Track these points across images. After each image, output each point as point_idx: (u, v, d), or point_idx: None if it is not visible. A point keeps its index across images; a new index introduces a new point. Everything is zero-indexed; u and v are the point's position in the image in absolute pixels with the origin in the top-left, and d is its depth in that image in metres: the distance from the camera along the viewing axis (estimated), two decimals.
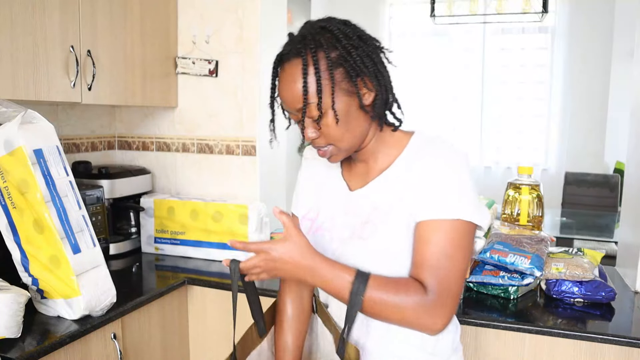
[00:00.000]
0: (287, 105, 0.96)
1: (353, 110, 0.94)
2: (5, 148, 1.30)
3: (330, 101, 0.91)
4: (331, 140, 0.96)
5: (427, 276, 0.91)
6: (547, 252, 1.58)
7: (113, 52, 1.78)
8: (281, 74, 0.96)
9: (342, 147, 0.97)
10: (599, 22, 4.50)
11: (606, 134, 4.54)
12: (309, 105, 0.92)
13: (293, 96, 0.93)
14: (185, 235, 2.01)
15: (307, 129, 0.96)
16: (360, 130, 0.97)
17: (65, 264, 1.32)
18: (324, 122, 0.93)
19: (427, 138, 1.00)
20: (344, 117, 0.93)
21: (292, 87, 0.93)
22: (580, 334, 1.35)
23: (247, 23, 2.04)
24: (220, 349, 1.79)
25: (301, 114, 0.94)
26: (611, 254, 2.57)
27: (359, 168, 1.05)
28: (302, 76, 0.91)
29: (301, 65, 0.92)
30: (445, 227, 0.92)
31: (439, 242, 0.91)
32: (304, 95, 0.92)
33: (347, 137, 0.95)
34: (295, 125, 1.02)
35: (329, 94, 0.91)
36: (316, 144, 0.97)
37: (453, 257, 0.92)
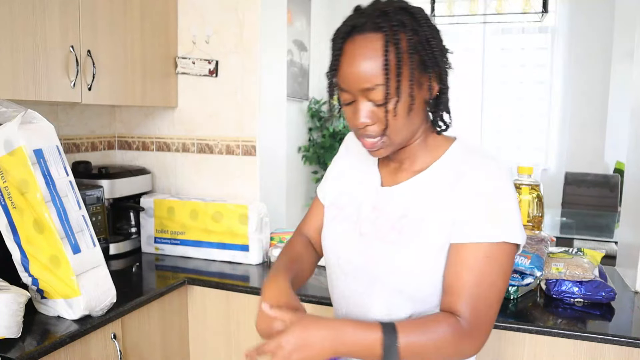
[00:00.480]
0: (349, 83, 0.86)
1: (418, 103, 0.87)
2: (5, 148, 1.30)
3: (408, 87, 0.84)
4: (388, 131, 0.87)
5: (462, 306, 0.84)
6: (547, 252, 1.58)
7: (113, 52, 1.78)
8: (349, 48, 0.85)
9: (395, 141, 0.89)
10: (599, 22, 4.50)
11: (606, 134, 4.54)
12: (378, 86, 0.83)
13: (362, 74, 0.84)
14: (185, 235, 2.01)
15: (360, 113, 0.87)
16: (416, 125, 0.91)
17: (65, 264, 1.32)
18: (389, 108, 0.84)
19: (469, 148, 0.93)
20: (407, 106, 0.86)
21: (364, 63, 0.83)
22: (580, 334, 1.35)
23: (247, 23, 2.04)
24: (220, 349, 1.79)
25: (363, 95, 0.85)
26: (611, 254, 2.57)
27: (391, 165, 1.00)
28: (383, 53, 0.82)
29: (382, 41, 0.82)
30: (488, 251, 0.85)
31: (479, 267, 0.84)
32: (385, 73, 0.82)
33: (404, 130, 0.88)
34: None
35: (408, 78, 0.84)
36: (368, 132, 0.88)
37: (493, 285, 0.86)
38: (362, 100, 0.86)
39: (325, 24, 4.79)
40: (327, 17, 4.84)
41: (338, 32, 0.88)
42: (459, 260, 0.86)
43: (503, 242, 0.86)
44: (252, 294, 1.70)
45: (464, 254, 0.86)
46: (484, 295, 0.85)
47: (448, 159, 0.94)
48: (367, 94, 0.85)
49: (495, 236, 0.85)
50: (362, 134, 0.90)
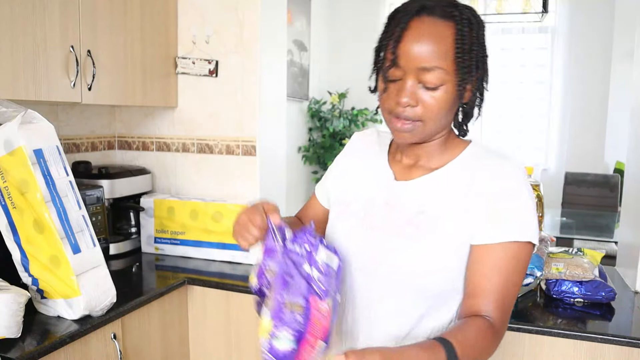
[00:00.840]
0: (408, 58, 0.85)
1: (458, 100, 0.89)
2: (5, 148, 1.30)
3: (461, 80, 0.86)
4: (426, 117, 0.87)
5: (495, 308, 0.86)
6: (547, 252, 1.59)
7: (113, 52, 1.78)
8: (416, 25, 0.85)
9: (426, 129, 0.89)
10: (599, 22, 4.50)
11: (606, 134, 4.54)
12: (437, 69, 0.84)
13: (425, 53, 0.84)
14: (185, 235, 2.01)
15: (406, 91, 0.86)
16: (448, 123, 0.92)
17: (65, 264, 1.32)
18: (438, 95, 0.86)
19: (486, 149, 0.95)
20: (451, 100, 0.87)
21: (431, 43, 0.84)
22: (580, 334, 1.35)
23: (247, 23, 2.04)
24: (220, 349, 1.79)
25: (415, 75, 0.85)
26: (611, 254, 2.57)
27: (405, 160, 0.99)
28: (454, 40, 0.84)
29: (453, 29, 0.85)
30: (514, 251, 0.87)
31: (506, 268, 0.86)
32: (453, 58, 0.84)
33: (438, 122, 0.89)
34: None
35: (469, 69, 0.86)
36: (405, 112, 0.87)
37: (516, 284, 0.88)
38: (412, 79, 0.86)
39: (325, 24, 4.79)
40: (327, 17, 4.84)
41: (405, 8, 0.88)
42: (487, 261, 0.87)
43: (527, 242, 0.88)
44: (252, 294, 1.70)
45: (493, 255, 0.87)
46: (509, 295, 0.88)
47: (465, 158, 0.95)
48: (421, 75, 0.85)
49: (520, 236, 0.87)
50: (398, 114, 0.89)
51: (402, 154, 1.00)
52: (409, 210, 0.93)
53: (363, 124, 4.52)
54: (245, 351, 1.76)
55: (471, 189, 0.90)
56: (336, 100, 4.51)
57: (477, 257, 0.88)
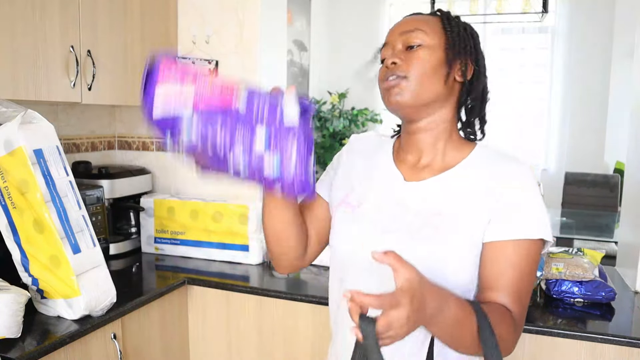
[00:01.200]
0: (393, 32, 0.97)
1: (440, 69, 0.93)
2: (5, 148, 1.30)
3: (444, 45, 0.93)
4: (410, 73, 0.92)
5: (513, 302, 0.87)
6: (547, 252, 1.59)
7: (113, 52, 1.78)
8: (404, 18, 0.99)
9: (412, 85, 0.92)
10: (599, 22, 4.50)
11: (606, 134, 4.54)
12: (418, 31, 0.93)
13: (406, 22, 0.96)
14: (185, 235, 2.01)
15: (390, 55, 0.94)
16: (436, 91, 0.94)
17: (65, 264, 1.32)
18: (418, 52, 0.93)
19: (494, 150, 0.97)
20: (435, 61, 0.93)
21: (412, 18, 0.97)
22: (580, 334, 1.35)
23: (247, 23, 2.04)
24: (220, 349, 1.79)
25: (400, 40, 0.94)
26: (611, 254, 2.57)
27: (409, 158, 0.99)
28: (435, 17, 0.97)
29: (440, 20, 0.96)
30: (528, 248, 0.88)
31: (520, 264, 0.88)
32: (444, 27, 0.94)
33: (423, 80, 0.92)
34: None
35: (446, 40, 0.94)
36: (393, 70, 0.94)
37: (530, 281, 0.90)
38: (398, 44, 0.95)
39: (325, 24, 4.79)
40: (327, 17, 4.84)
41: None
42: (501, 258, 0.89)
43: (540, 239, 0.89)
44: (252, 294, 1.70)
45: (506, 251, 0.88)
46: (525, 291, 0.89)
47: (475, 159, 0.95)
48: (405, 37, 0.94)
49: (534, 233, 0.88)
50: (387, 74, 0.94)
51: (405, 152, 1.00)
52: (425, 212, 0.93)
53: (363, 124, 4.52)
54: (245, 351, 1.76)
55: (485, 189, 0.91)
56: (336, 100, 4.51)
57: (491, 253, 0.90)
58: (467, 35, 0.96)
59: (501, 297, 0.87)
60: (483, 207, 0.90)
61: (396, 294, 0.68)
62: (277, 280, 1.81)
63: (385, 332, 0.68)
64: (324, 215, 1.07)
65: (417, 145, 0.98)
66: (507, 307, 0.87)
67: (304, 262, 1.07)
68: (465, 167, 0.95)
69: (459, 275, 0.90)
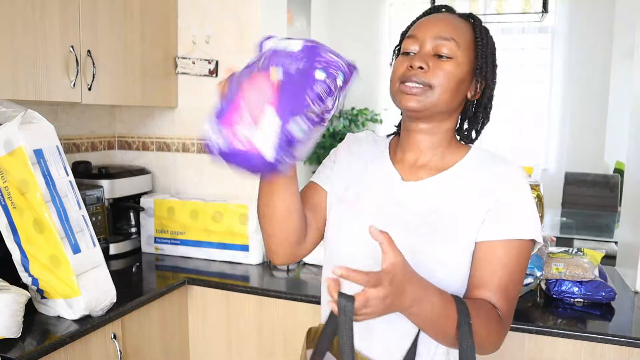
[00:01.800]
0: (426, 28, 0.94)
1: (461, 80, 0.93)
2: (5, 148, 1.30)
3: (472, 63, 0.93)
4: (436, 83, 0.91)
5: (500, 299, 0.89)
6: (547, 252, 1.59)
7: (113, 52, 1.78)
8: (436, 14, 0.97)
9: (435, 97, 0.91)
10: (599, 22, 4.50)
11: (606, 134, 4.54)
12: (453, 41, 0.91)
13: (444, 25, 0.93)
14: (185, 235, 2.01)
15: (421, 57, 0.92)
16: (455, 105, 0.95)
17: (65, 264, 1.32)
18: (449, 66, 0.91)
19: (489, 153, 0.99)
20: (460, 77, 0.92)
21: (449, 20, 0.94)
22: (580, 334, 1.35)
23: (247, 23, 2.04)
24: (220, 349, 1.79)
25: (431, 43, 0.92)
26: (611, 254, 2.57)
27: (408, 157, 1.00)
28: (471, 27, 0.95)
29: (471, 27, 0.95)
30: (518, 248, 0.90)
31: (510, 263, 0.90)
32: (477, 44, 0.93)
33: (447, 93, 0.92)
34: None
35: (475, 58, 0.94)
36: (416, 76, 0.91)
37: (519, 281, 0.92)
38: (428, 47, 0.93)
39: (325, 24, 4.80)
40: (327, 17, 4.84)
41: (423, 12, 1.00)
42: (493, 257, 0.90)
43: (530, 239, 0.91)
44: (252, 294, 1.70)
45: (497, 251, 0.90)
46: (513, 289, 0.91)
47: (470, 161, 0.97)
48: (437, 43, 0.92)
49: (526, 234, 0.90)
50: (408, 77, 0.92)
51: (403, 151, 1.01)
52: (424, 211, 0.94)
53: (363, 124, 4.52)
54: (245, 351, 1.76)
55: (479, 190, 0.93)
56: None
57: (482, 253, 0.91)
58: (492, 55, 0.97)
59: (489, 295, 0.89)
60: (479, 207, 0.92)
61: (379, 274, 0.72)
62: (277, 280, 1.81)
63: (361, 309, 0.71)
64: (323, 205, 1.06)
65: (417, 145, 0.99)
66: (494, 304, 0.89)
67: (303, 250, 1.05)
68: (461, 168, 0.96)
69: (455, 272, 0.91)
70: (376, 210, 0.98)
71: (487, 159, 0.97)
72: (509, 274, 0.89)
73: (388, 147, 1.05)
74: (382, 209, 0.97)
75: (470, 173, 0.95)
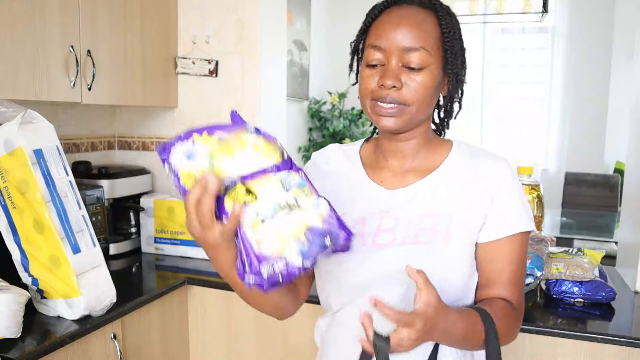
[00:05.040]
0: (390, 39, 0.85)
1: (435, 88, 0.89)
2: (5, 148, 1.30)
3: (443, 66, 0.88)
4: (412, 100, 0.86)
5: (513, 293, 0.92)
6: (547, 252, 1.58)
7: (113, 52, 1.78)
8: (395, 10, 0.87)
9: (413, 112, 0.87)
10: (599, 22, 4.50)
11: (606, 134, 4.54)
12: (422, 50, 0.84)
13: (409, 33, 0.85)
14: (185, 235, 2.01)
15: (390, 73, 0.85)
16: (429, 111, 0.92)
17: (65, 264, 1.32)
18: (422, 76, 0.85)
19: (473, 148, 0.97)
20: (434, 85, 0.87)
21: (413, 24, 0.85)
22: (580, 334, 1.35)
23: (247, 23, 2.04)
24: (220, 349, 1.79)
25: (399, 57, 0.85)
26: (611, 254, 2.57)
27: (393, 166, 0.96)
28: (438, 23, 0.87)
29: (435, 17, 0.87)
30: (521, 241, 0.92)
31: (516, 257, 0.92)
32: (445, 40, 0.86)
33: (424, 104, 0.88)
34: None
35: (455, 57, 0.88)
36: (390, 95, 0.85)
37: (524, 270, 0.94)
38: (396, 60, 0.86)
39: (325, 24, 4.79)
40: (327, 17, 4.84)
41: (382, 3, 0.90)
42: (501, 255, 0.91)
43: (529, 230, 0.93)
44: None
45: (502, 249, 0.91)
46: (521, 280, 0.93)
47: (457, 158, 0.95)
48: (405, 55, 0.85)
49: (524, 226, 0.92)
50: (382, 97, 0.86)
51: (386, 159, 0.97)
52: (419, 216, 0.90)
53: (363, 124, 4.52)
54: (245, 351, 1.76)
55: (473, 191, 0.92)
56: (336, 100, 4.51)
57: (487, 253, 0.92)
58: (460, 46, 0.91)
59: (500, 291, 0.91)
60: (475, 210, 0.91)
61: (413, 315, 0.73)
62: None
63: (394, 348, 0.73)
64: None
65: (400, 151, 0.95)
66: (507, 298, 0.91)
67: (300, 301, 1.04)
68: (447, 167, 0.94)
69: (458, 273, 0.90)
70: (364, 228, 0.92)
71: (473, 154, 0.96)
72: (515, 268, 0.92)
73: (359, 158, 1.00)
74: (371, 224, 0.92)
75: (457, 171, 0.94)
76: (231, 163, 0.75)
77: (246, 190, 0.74)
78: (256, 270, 0.73)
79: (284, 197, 0.75)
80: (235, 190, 0.75)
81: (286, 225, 0.73)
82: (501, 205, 0.91)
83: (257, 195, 0.74)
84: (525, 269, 0.98)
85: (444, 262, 0.89)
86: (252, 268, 0.74)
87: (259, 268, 0.73)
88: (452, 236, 0.89)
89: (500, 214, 0.91)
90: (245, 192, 0.74)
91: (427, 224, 0.90)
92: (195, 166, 0.74)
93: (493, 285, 0.92)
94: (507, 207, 0.91)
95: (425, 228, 0.90)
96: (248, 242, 0.74)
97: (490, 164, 0.93)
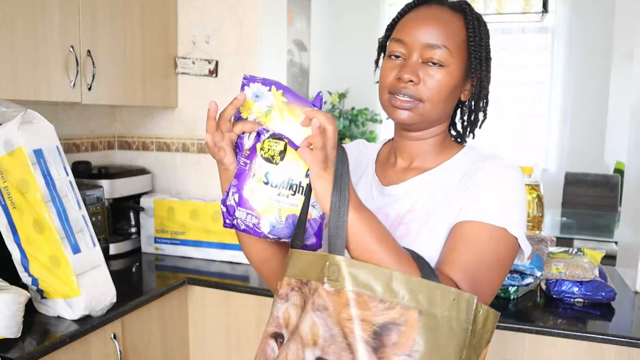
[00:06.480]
0: (414, 34, 0.87)
1: (453, 89, 0.89)
2: (5, 148, 1.30)
3: (465, 68, 0.88)
4: (427, 96, 0.87)
5: (462, 279, 0.79)
6: (547, 252, 1.59)
7: (113, 52, 1.78)
8: (423, 8, 0.89)
9: (427, 110, 0.88)
10: (599, 22, 4.50)
11: (606, 134, 4.54)
12: (444, 48, 0.85)
13: (433, 29, 0.86)
14: (185, 235, 2.01)
15: (410, 68, 0.86)
16: (447, 114, 0.92)
17: (65, 264, 1.32)
18: (441, 75, 0.86)
19: (482, 152, 0.94)
20: (452, 86, 0.87)
21: (439, 22, 0.86)
22: (580, 334, 1.35)
23: (247, 23, 2.04)
24: (220, 349, 1.79)
25: (420, 52, 0.86)
26: (611, 254, 2.57)
27: (400, 162, 0.97)
28: (464, 25, 0.88)
29: (463, 20, 0.88)
30: (490, 232, 0.83)
31: (475, 243, 0.82)
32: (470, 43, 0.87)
33: (440, 104, 0.88)
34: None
35: (479, 62, 0.88)
36: (406, 89, 0.87)
37: (490, 268, 0.83)
38: (416, 56, 0.87)
39: (325, 24, 4.79)
40: (327, 17, 4.84)
41: (409, 3, 0.92)
42: (457, 234, 0.84)
43: (504, 229, 0.83)
44: (252, 294, 1.70)
45: (463, 229, 0.84)
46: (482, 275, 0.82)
47: (458, 160, 0.94)
48: (426, 52, 0.86)
49: (497, 220, 0.83)
50: (398, 90, 0.88)
51: (396, 157, 0.99)
52: (401, 212, 0.92)
53: (363, 124, 4.52)
54: (245, 351, 1.76)
55: (461, 181, 0.89)
56: (336, 100, 4.51)
57: (451, 232, 0.86)
58: (487, 51, 0.91)
59: (450, 272, 0.80)
60: (456, 198, 0.87)
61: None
62: None
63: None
64: None
65: (409, 150, 0.97)
66: (457, 282, 0.79)
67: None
68: (446, 166, 0.94)
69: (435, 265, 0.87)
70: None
71: (476, 156, 0.93)
72: (473, 254, 0.81)
73: (376, 154, 1.03)
74: None
75: (454, 170, 0.92)
76: (281, 123, 0.80)
77: (279, 151, 0.78)
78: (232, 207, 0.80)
79: (298, 180, 0.78)
80: (269, 141, 0.79)
81: (280, 201, 0.78)
82: (474, 189, 0.86)
83: (281, 162, 0.78)
84: (495, 269, 0.83)
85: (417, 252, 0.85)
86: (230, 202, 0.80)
87: (235, 206, 0.79)
88: (428, 230, 0.87)
89: (470, 198, 0.86)
90: (276, 150, 0.78)
91: (405, 219, 0.90)
92: (256, 106, 0.85)
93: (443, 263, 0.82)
94: (480, 192, 0.86)
95: (402, 223, 0.90)
96: (244, 183, 0.79)
97: (490, 162, 0.90)
